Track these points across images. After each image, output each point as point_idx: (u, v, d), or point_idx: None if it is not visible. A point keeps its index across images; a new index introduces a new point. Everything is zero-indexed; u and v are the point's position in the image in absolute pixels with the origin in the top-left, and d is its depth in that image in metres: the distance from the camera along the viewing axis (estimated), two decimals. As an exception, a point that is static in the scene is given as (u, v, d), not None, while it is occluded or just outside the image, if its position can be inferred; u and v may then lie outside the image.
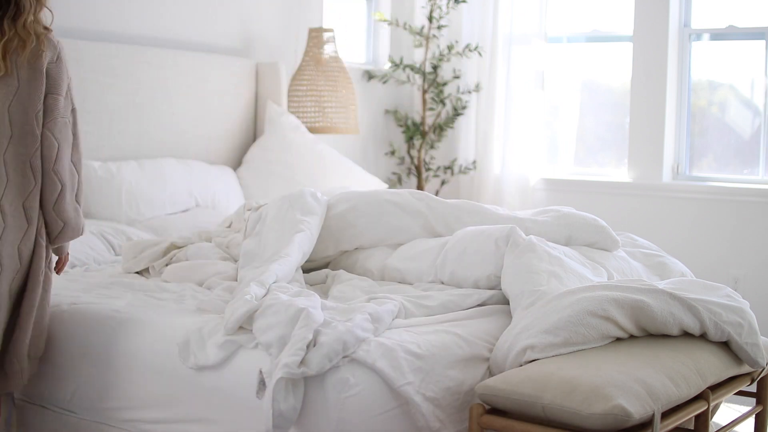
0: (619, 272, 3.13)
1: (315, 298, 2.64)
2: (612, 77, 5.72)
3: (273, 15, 5.16)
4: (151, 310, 2.85)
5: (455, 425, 2.51)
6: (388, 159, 5.93)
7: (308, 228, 3.14)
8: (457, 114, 5.76)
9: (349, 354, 2.37)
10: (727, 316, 2.67)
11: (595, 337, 2.54)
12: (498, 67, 5.67)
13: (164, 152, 4.40)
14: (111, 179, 3.99)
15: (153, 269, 3.37)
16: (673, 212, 5.24)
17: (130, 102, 4.25)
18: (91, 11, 4.20)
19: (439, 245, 3.16)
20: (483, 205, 3.35)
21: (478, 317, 2.79)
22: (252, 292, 2.62)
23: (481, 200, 5.64)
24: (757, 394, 2.93)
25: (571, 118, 5.69)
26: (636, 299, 2.58)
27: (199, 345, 2.55)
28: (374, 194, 3.40)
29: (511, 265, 2.86)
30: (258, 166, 4.72)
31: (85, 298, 3.01)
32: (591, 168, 5.73)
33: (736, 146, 5.29)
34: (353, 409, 2.31)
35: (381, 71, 5.82)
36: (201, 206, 4.32)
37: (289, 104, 5.00)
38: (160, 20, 4.52)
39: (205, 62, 4.61)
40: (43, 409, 2.92)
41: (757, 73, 5.14)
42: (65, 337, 2.88)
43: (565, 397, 2.25)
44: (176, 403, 2.61)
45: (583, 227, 3.22)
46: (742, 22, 5.19)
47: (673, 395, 2.37)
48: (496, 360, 2.60)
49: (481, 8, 5.71)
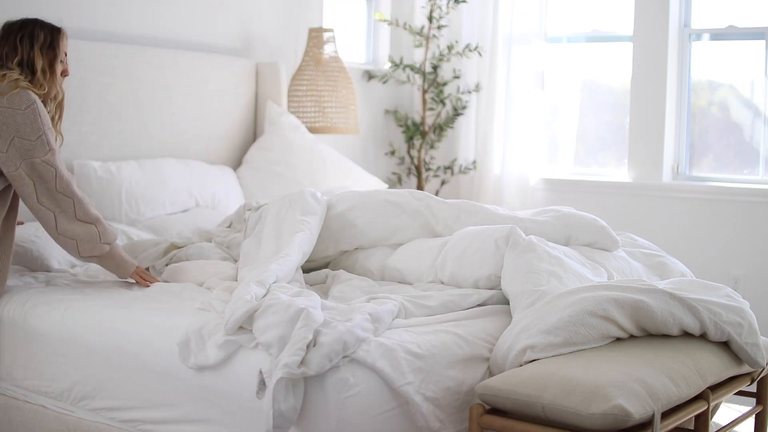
0: (619, 272, 3.13)
1: (315, 298, 2.63)
2: (612, 77, 5.72)
3: (273, 15, 5.16)
4: (151, 309, 2.85)
5: (455, 425, 2.51)
6: (388, 159, 5.93)
7: (308, 228, 3.14)
8: (457, 114, 5.77)
9: (349, 354, 2.37)
10: (727, 316, 2.67)
11: (595, 337, 2.54)
12: (498, 67, 5.67)
13: (164, 152, 4.40)
14: (111, 179, 3.99)
15: (153, 269, 3.37)
16: (673, 212, 5.24)
17: (130, 102, 4.25)
18: (91, 11, 4.20)
19: (439, 245, 3.16)
20: (483, 205, 3.35)
21: (478, 317, 2.78)
22: (252, 292, 2.62)
23: (481, 200, 5.64)
24: (757, 394, 2.93)
25: (571, 118, 5.69)
26: (636, 299, 2.58)
27: (199, 345, 2.55)
28: (374, 194, 3.40)
29: (511, 265, 2.86)
30: (258, 166, 4.71)
31: (84, 298, 3.02)
32: (591, 168, 5.73)
33: (736, 146, 5.29)
34: (353, 409, 2.31)
35: (381, 71, 5.82)
36: (201, 206, 4.32)
37: (289, 104, 5.00)
38: (160, 20, 4.52)
39: (205, 62, 4.61)
40: (43, 409, 2.92)
41: (757, 73, 5.14)
42: (65, 337, 2.88)
43: (565, 397, 2.25)
44: (176, 403, 2.61)
45: (583, 227, 3.22)
46: (742, 22, 5.19)
47: (673, 395, 2.37)
48: (496, 360, 2.60)
49: (481, 8, 5.71)
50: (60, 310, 2.94)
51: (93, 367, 2.81)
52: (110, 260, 3.10)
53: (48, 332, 2.92)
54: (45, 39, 3.07)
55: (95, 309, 2.91)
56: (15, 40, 3.04)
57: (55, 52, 3.09)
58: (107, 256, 3.07)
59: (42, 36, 3.07)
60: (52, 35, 3.10)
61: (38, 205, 2.93)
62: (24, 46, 3.04)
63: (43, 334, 2.93)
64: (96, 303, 2.95)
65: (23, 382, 2.98)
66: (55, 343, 2.90)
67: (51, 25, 3.13)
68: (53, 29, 3.12)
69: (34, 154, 2.91)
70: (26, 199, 2.95)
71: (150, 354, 2.67)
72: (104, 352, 2.78)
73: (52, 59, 3.08)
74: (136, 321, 2.78)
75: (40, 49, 3.05)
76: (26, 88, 2.96)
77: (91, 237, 2.99)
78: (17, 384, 3.00)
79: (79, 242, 2.97)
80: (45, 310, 2.97)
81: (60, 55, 3.11)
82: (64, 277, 3.34)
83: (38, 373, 2.94)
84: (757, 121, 5.17)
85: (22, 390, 2.99)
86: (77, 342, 2.85)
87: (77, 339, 2.85)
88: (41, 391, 2.93)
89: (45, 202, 2.93)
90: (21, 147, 2.90)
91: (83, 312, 2.91)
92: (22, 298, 3.06)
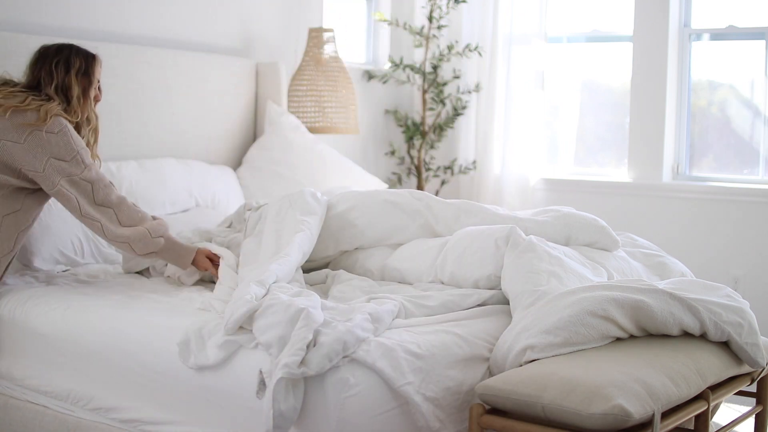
0: (619, 272, 3.13)
1: (315, 298, 2.63)
2: (612, 77, 5.71)
3: (273, 15, 5.16)
4: (151, 310, 2.85)
5: (455, 425, 2.51)
6: (388, 159, 5.93)
7: (308, 228, 3.14)
8: (457, 114, 5.76)
9: (349, 354, 2.37)
10: (727, 316, 2.67)
11: (595, 337, 2.54)
12: (498, 67, 5.67)
13: (164, 152, 4.39)
14: (111, 179, 3.98)
15: (153, 269, 3.37)
16: (673, 212, 5.24)
17: (130, 102, 4.24)
18: (91, 11, 4.20)
19: (438, 245, 3.16)
20: (483, 205, 3.35)
21: (478, 317, 2.78)
22: (252, 292, 2.62)
23: (481, 200, 5.64)
24: (757, 394, 2.93)
25: (571, 118, 5.69)
26: (636, 299, 2.58)
27: (199, 345, 2.55)
28: (374, 194, 3.40)
29: (511, 265, 2.86)
30: (258, 166, 4.71)
31: (84, 298, 3.02)
32: (591, 168, 5.73)
33: (736, 146, 5.29)
34: (353, 409, 2.31)
35: (381, 71, 5.82)
36: (201, 206, 4.32)
37: (289, 104, 5.00)
38: (160, 20, 4.52)
39: (205, 62, 4.61)
40: (43, 409, 2.92)
41: (757, 73, 5.13)
42: (65, 337, 2.88)
43: (565, 397, 2.25)
44: (176, 403, 2.61)
45: (583, 227, 3.22)
46: (742, 22, 5.19)
47: (673, 395, 2.37)
48: (496, 360, 2.60)
49: (481, 8, 5.71)
50: (60, 310, 2.95)
51: (93, 367, 2.81)
52: (169, 252, 3.11)
53: (48, 332, 2.92)
54: (80, 66, 3.15)
55: (95, 309, 2.91)
56: (51, 65, 3.11)
57: (90, 79, 3.17)
58: (165, 249, 3.09)
59: (78, 63, 3.14)
60: (87, 62, 3.17)
61: (83, 218, 3.03)
62: (59, 72, 3.11)
63: (43, 334, 2.93)
64: (96, 303, 2.95)
65: (23, 381, 2.99)
66: (55, 343, 2.90)
67: (86, 52, 3.19)
68: (88, 56, 3.19)
69: (71, 172, 2.99)
70: (73, 212, 3.04)
71: (150, 354, 2.67)
72: (104, 352, 2.78)
73: (86, 86, 3.16)
74: (136, 321, 2.78)
75: (76, 75, 3.13)
76: (58, 115, 3.03)
77: (141, 236, 3.03)
78: (17, 384, 3.00)
79: (132, 243, 3.03)
80: (45, 310, 2.97)
81: (94, 83, 3.18)
82: (64, 276, 3.34)
83: (38, 373, 2.94)
84: (757, 121, 5.17)
85: (22, 390, 2.99)
86: (77, 342, 2.85)
87: (77, 339, 2.85)
88: (41, 391, 2.93)
89: (89, 213, 3.02)
90: (57, 167, 2.98)
91: (83, 312, 2.91)
92: (23, 297, 3.06)
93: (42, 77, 3.11)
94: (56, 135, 3.01)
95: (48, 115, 3.01)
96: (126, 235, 3.03)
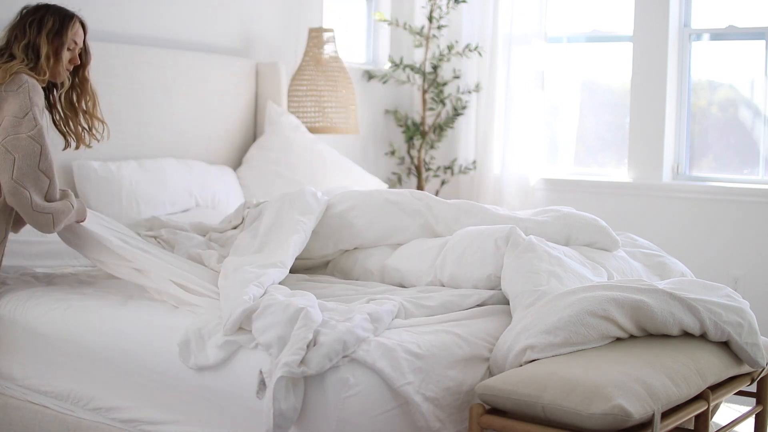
0: (619, 272, 3.13)
1: (311, 297, 2.64)
2: (612, 77, 5.72)
3: (273, 15, 5.16)
4: (151, 309, 2.85)
5: (455, 425, 2.51)
6: (388, 159, 5.93)
7: (303, 230, 3.15)
8: (457, 114, 5.76)
9: (349, 354, 2.37)
10: (727, 316, 2.67)
11: (595, 337, 2.54)
12: (498, 67, 5.67)
13: (164, 152, 4.39)
14: (111, 179, 3.99)
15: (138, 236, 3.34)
16: (673, 212, 5.24)
17: (130, 102, 4.24)
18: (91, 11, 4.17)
19: (438, 245, 3.16)
20: (483, 206, 3.35)
21: (478, 317, 2.78)
22: (250, 293, 2.62)
23: (481, 200, 5.64)
24: (757, 394, 2.93)
25: (571, 118, 5.69)
26: (636, 299, 2.58)
27: (199, 345, 2.55)
28: (374, 194, 3.40)
29: (511, 265, 2.86)
30: (258, 166, 4.71)
31: (84, 298, 3.02)
32: (591, 168, 5.73)
33: (736, 146, 5.29)
34: (353, 409, 2.31)
35: (381, 71, 5.82)
36: (201, 206, 4.32)
37: (289, 104, 5.00)
38: (160, 20, 4.52)
39: (205, 62, 4.61)
40: (43, 409, 2.92)
41: (757, 73, 5.13)
42: (65, 337, 2.88)
43: (565, 397, 2.25)
44: (176, 403, 2.61)
45: (583, 227, 3.22)
46: (742, 22, 5.19)
47: (673, 395, 2.37)
48: (496, 360, 2.60)
49: (481, 8, 5.71)
50: (60, 310, 2.95)
51: (93, 366, 2.81)
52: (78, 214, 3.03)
53: (48, 332, 2.92)
54: (53, 25, 3.04)
55: (95, 309, 2.91)
56: (25, 24, 3.02)
57: (62, 39, 3.05)
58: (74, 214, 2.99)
59: (51, 22, 3.04)
60: (62, 22, 3.06)
61: (12, 182, 2.82)
62: (32, 31, 3.01)
63: (43, 333, 2.93)
64: (96, 303, 2.95)
65: (23, 381, 2.99)
66: (55, 343, 2.90)
67: (63, 12, 3.09)
68: (64, 16, 3.08)
69: (19, 130, 2.85)
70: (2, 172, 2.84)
71: (150, 354, 2.67)
72: (104, 352, 2.78)
73: (58, 46, 3.05)
74: (136, 321, 2.78)
75: (47, 35, 3.02)
76: (20, 72, 2.93)
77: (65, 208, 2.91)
78: (17, 383, 3.00)
79: (55, 215, 2.87)
80: (45, 310, 2.97)
81: (68, 43, 3.06)
82: (64, 276, 3.34)
83: (38, 373, 2.94)
84: (757, 121, 5.17)
85: (22, 389, 2.99)
86: (77, 342, 2.85)
87: (77, 339, 2.85)
88: (41, 391, 2.93)
89: (21, 180, 2.82)
90: (7, 124, 2.86)
91: (83, 312, 2.91)
92: (23, 297, 3.06)
93: (15, 35, 3.01)
94: (15, 92, 2.89)
95: (7, 74, 2.90)
96: (50, 207, 2.86)
